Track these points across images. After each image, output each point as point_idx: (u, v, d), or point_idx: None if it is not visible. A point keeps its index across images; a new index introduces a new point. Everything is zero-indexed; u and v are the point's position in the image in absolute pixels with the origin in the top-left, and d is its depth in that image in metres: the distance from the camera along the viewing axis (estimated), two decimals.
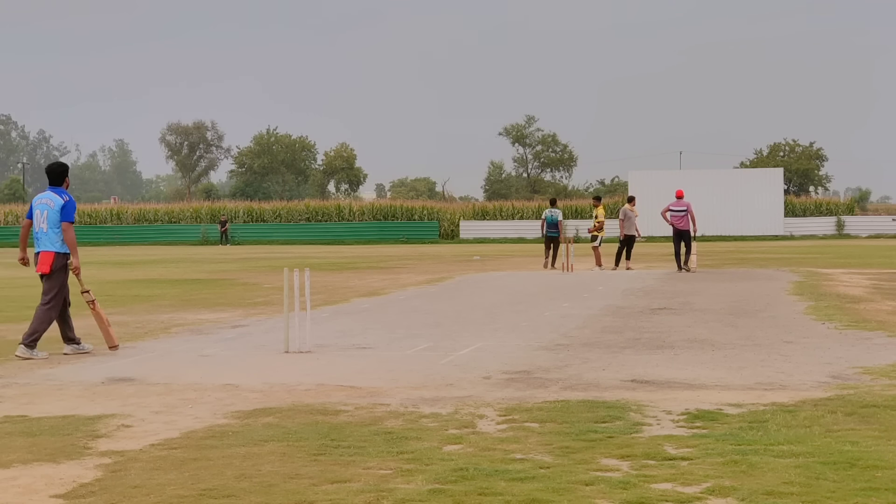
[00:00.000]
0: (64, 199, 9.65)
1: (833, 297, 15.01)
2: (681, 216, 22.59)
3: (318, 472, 4.94)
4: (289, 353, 9.48)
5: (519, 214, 63.15)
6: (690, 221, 22.60)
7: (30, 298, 16.77)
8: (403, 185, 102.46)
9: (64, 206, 9.59)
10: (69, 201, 9.67)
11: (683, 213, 22.62)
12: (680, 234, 22.65)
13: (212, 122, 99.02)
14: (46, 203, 9.65)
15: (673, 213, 22.75)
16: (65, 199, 9.65)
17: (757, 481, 4.67)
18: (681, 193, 23.15)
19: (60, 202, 9.61)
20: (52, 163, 10.18)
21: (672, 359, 8.82)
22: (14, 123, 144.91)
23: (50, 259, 9.52)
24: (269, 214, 64.37)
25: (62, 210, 9.58)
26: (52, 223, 9.58)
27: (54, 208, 9.59)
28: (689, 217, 22.59)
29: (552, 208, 25.35)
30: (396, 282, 20.39)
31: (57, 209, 9.59)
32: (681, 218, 22.59)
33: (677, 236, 22.73)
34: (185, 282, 21.38)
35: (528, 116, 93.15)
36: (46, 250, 9.55)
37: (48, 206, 9.63)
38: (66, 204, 9.61)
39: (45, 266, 9.51)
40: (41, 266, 9.54)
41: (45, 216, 9.61)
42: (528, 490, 4.56)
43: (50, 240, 9.57)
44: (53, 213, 9.58)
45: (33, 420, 6.41)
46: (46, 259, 9.53)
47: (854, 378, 7.65)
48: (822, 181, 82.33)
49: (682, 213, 22.63)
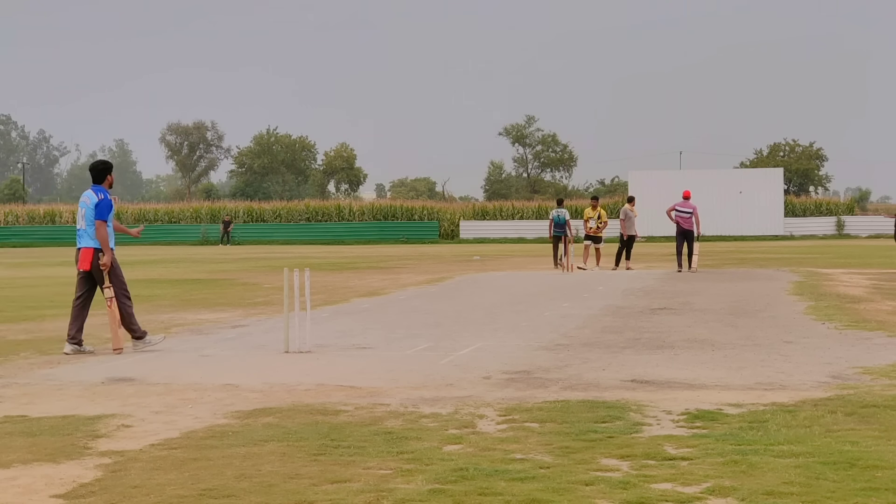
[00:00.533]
0: (99, 196, 9.84)
1: (833, 297, 15.02)
2: (686, 217, 22.75)
3: (318, 472, 4.94)
4: (289, 353, 9.48)
5: (519, 214, 63.18)
6: (695, 224, 22.73)
7: (30, 298, 16.78)
8: (403, 185, 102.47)
9: (98, 204, 9.78)
10: (103, 200, 9.84)
11: (689, 214, 22.80)
12: (684, 233, 22.76)
13: (212, 121, 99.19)
14: (84, 201, 9.93)
15: (679, 213, 22.89)
16: (99, 198, 9.83)
17: (757, 481, 4.67)
18: (688, 194, 23.31)
19: (95, 200, 9.81)
20: (96, 161, 10.34)
21: (672, 359, 8.82)
22: (14, 123, 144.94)
23: (90, 255, 9.77)
24: (269, 214, 64.40)
25: (96, 208, 9.76)
26: (88, 220, 9.84)
27: (90, 206, 9.83)
28: (693, 218, 22.74)
29: (559, 208, 25.36)
30: (396, 282, 20.39)
31: (92, 207, 9.80)
32: (686, 219, 22.75)
33: (681, 236, 22.82)
34: (185, 282, 21.38)
35: (528, 116, 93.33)
36: (86, 247, 9.79)
37: (86, 203, 9.90)
38: (100, 202, 9.80)
39: (85, 263, 9.75)
40: (82, 263, 9.79)
41: (82, 213, 9.89)
42: (528, 490, 4.56)
43: (89, 236, 9.82)
44: (90, 211, 9.83)
45: (33, 420, 6.40)
46: (86, 255, 9.77)
47: (854, 378, 7.65)
48: (822, 181, 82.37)
49: (687, 214, 22.80)
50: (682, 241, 22.79)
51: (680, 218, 22.79)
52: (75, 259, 9.97)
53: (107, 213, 9.80)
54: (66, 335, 9.76)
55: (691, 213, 22.77)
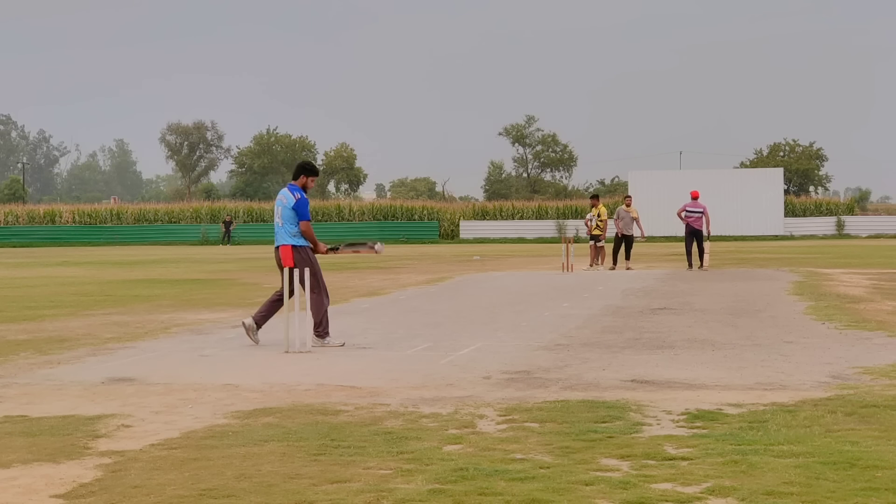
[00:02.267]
0: (296, 196, 10.00)
1: (833, 297, 15.01)
2: (696, 217, 23.11)
3: (318, 472, 4.94)
4: (289, 352, 9.48)
5: (519, 214, 63.17)
6: (705, 223, 23.13)
7: (29, 298, 16.78)
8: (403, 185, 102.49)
9: (296, 204, 9.97)
10: (300, 199, 10.00)
11: (699, 214, 23.19)
12: (693, 233, 23.24)
13: (212, 121, 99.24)
14: (281, 199, 10.11)
15: (689, 214, 23.25)
16: (296, 197, 10.00)
17: (757, 481, 4.67)
18: (696, 194, 23.69)
19: (292, 200, 9.99)
20: (304, 160, 10.42)
21: (672, 359, 8.82)
22: (14, 123, 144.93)
23: (289, 252, 9.94)
24: (269, 214, 64.32)
25: (295, 209, 9.95)
26: (286, 219, 10.01)
27: (287, 205, 10.00)
28: (704, 218, 23.15)
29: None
30: (396, 282, 20.39)
31: (289, 206, 9.98)
32: (696, 218, 23.16)
33: (690, 235, 23.30)
34: (185, 282, 21.38)
35: (528, 116, 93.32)
36: (284, 244, 9.98)
37: (282, 202, 10.08)
38: (297, 202, 9.98)
39: (287, 260, 9.93)
40: (284, 261, 9.96)
41: (279, 212, 10.08)
42: (528, 490, 4.56)
43: (286, 234, 10.00)
44: (287, 210, 10.00)
45: (33, 420, 6.40)
46: (286, 253, 9.96)
47: (854, 378, 7.65)
48: (822, 181, 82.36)
49: (697, 214, 23.21)
50: (692, 240, 23.26)
51: (690, 218, 23.18)
52: (276, 259, 10.17)
53: (307, 212, 10.02)
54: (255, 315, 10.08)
55: (702, 213, 23.21)
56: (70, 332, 11.42)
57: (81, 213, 65.52)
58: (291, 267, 9.89)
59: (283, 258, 9.99)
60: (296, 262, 9.89)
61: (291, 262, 9.90)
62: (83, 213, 65.50)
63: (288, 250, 9.95)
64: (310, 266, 9.89)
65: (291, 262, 9.90)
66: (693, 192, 23.88)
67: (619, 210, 25.14)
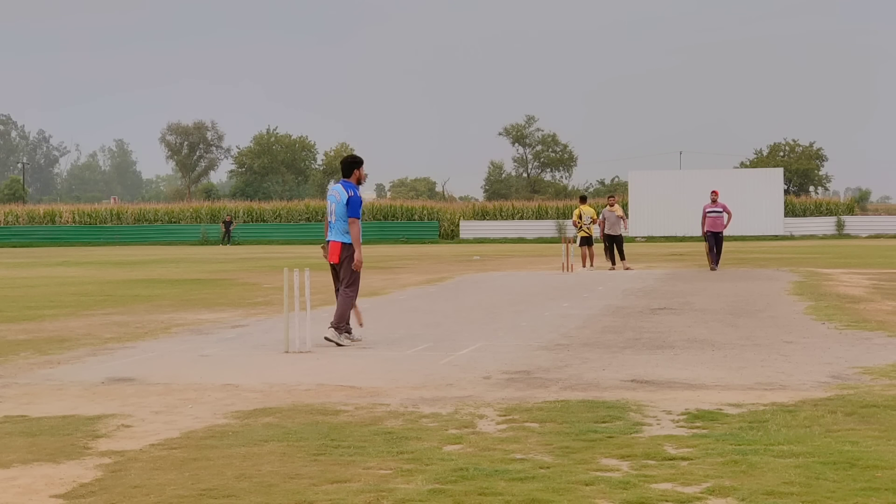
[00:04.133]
0: (349, 193, 10.04)
1: (833, 297, 15.02)
2: (717, 216, 22.87)
3: (318, 472, 4.94)
4: (289, 353, 9.48)
5: (519, 214, 63.16)
6: (727, 220, 22.95)
7: (30, 298, 16.78)
8: (403, 185, 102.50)
9: (349, 201, 10.00)
10: (353, 196, 10.04)
11: (720, 213, 22.93)
12: (715, 234, 22.87)
13: (212, 122, 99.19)
14: (334, 195, 10.17)
15: (710, 214, 22.91)
16: (350, 195, 10.03)
17: (757, 481, 4.67)
18: (717, 194, 23.41)
19: (346, 196, 10.03)
20: (347, 155, 10.54)
21: (672, 359, 8.82)
22: (14, 123, 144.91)
23: (338, 249, 10.02)
24: (269, 214, 64.39)
25: (347, 205, 9.98)
26: (338, 215, 10.07)
27: (340, 201, 10.04)
28: (726, 216, 22.93)
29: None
30: (396, 282, 20.38)
31: (343, 202, 10.02)
32: (717, 218, 22.87)
33: (712, 236, 22.90)
34: (185, 282, 21.38)
35: (528, 116, 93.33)
36: (335, 240, 10.05)
37: (335, 198, 10.12)
38: (350, 199, 10.01)
39: (334, 256, 10.03)
40: (332, 256, 10.05)
41: (333, 208, 10.11)
42: (528, 490, 4.56)
43: (338, 231, 10.07)
44: (340, 207, 10.04)
45: (33, 420, 6.40)
46: (335, 249, 10.04)
47: (854, 378, 7.65)
48: (822, 181, 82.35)
49: (718, 213, 22.95)
50: (713, 240, 22.88)
51: (711, 218, 22.90)
52: (324, 252, 10.22)
53: (359, 210, 10.05)
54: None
55: (722, 212, 22.97)
56: (70, 333, 11.42)
57: (81, 214, 65.51)
58: (336, 263, 9.98)
59: (331, 253, 10.06)
60: (342, 259, 9.97)
61: (338, 259, 9.99)
62: (83, 214, 65.48)
63: (338, 246, 10.01)
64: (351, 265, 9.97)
65: (338, 259, 9.99)
66: (713, 191, 23.57)
67: (604, 211, 24.95)
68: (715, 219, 22.91)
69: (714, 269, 22.61)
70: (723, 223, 22.96)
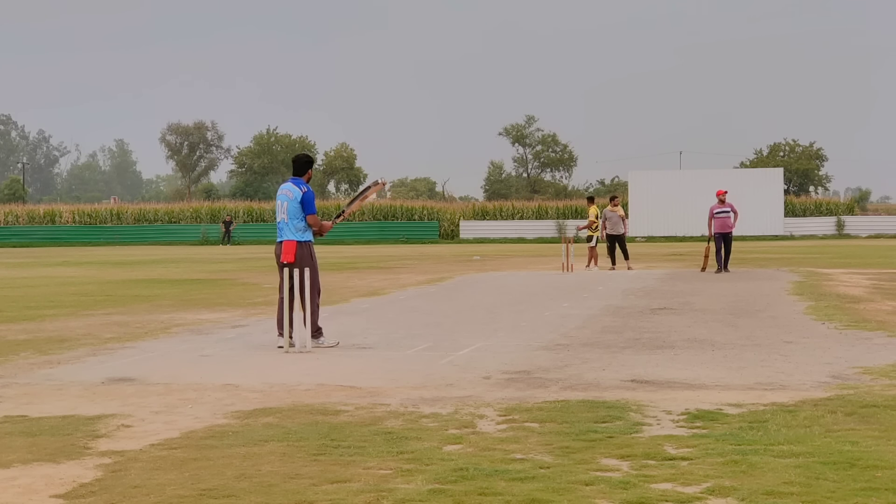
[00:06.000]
0: (302, 190, 9.90)
1: (833, 297, 15.02)
2: (725, 216, 22.38)
3: (318, 472, 4.94)
4: (289, 353, 9.48)
5: (519, 214, 63.16)
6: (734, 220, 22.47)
7: (30, 298, 16.78)
8: (403, 185, 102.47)
9: (303, 198, 9.86)
10: (307, 192, 9.91)
11: (728, 213, 22.41)
12: (723, 235, 22.36)
13: (212, 122, 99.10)
14: (286, 194, 9.96)
15: (720, 216, 22.45)
16: (303, 191, 9.89)
17: (757, 481, 4.67)
18: (721, 193, 22.79)
19: (299, 193, 9.87)
20: (299, 153, 10.45)
21: (672, 359, 8.82)
22: (14, 123, 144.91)
23: (293, 248, 9.82)
24: (269, 214, 64.30)
25: (302, 203, 9.84)
26: (291, 214, 9.87)
27: (293, 199, 9.87)
28: (732, 217, 22.41)
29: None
30: (396, 282, 20.39)
31: (296, 200, 9.85)
32: (725, 219, 22.37)
33: (720, 237, 22.40)
34: (185, 282, 21.39)
35: (527, 116, 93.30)
36: (288, 240, 9.86)
37: (287, 196, 9.92)
38: (304, 195, 9.87)
39: (289, 255, 9.82)
40: (285, 255, 9.85)
41: (284, 207, 9.92)
42: (528, 490, 4.56)
43: (290, 230, 9.87)
44: (293, 204, 9.86)
45: (33, 420, 6.40)
46: (290, 248, 9.83)
47: (854, 378, 7.65)
48: (822, 181, 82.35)
49: (725, 214, 22.42)
50: (721, 241, 22.37)
51: (720, 219, 22.39)
52: (276, 254, 10.04)
53: (313, 206, 9.92)
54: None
55: (730, 212, 22.44)
56: (70, 332, 11.42)
57: (81, 214, 65.51)
58: (291, 262, 9.77)
59: (284, 252, 9.84)
60: (297, 257, 9.78)
61: (293, 258, 9.77)
62: (83, 214, 65.48)
63: (292, 245, 9.81)
64: (310, 265, 9.84)
65: (293, 258, 9.77)
66: (720, 191, 22.95)
67: (606, 211, 24.93)
68: (724, 219, 22.34)
69: (721, 271, 22.04)
70: (731, 223, 22.40)
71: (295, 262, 9.79)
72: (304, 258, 9.84)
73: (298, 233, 9.87)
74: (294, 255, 9.80)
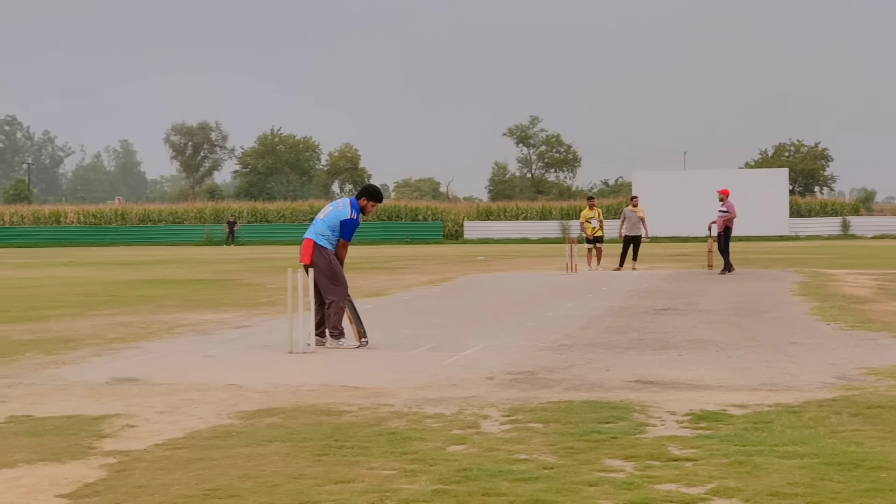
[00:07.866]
0: (352, 215, 9.94)
1: (838, 297, 15.00)
2: (723, 216, 22.22)
3: (322, 473, 4.94)
4: (292, 353, 9.49)
5: (523, 215, 63.17)
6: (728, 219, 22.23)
7: (35, 299, 16.81)
8: (407, 185, 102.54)
9: (347, 222, 9.92)
10: (354, 220, 9.94)
11: (725, 213, 22.27)
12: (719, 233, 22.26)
13: (216, 122, 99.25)
14: (338, 205, 10.10)
15: (719, 215, 22.37)
16: (351, 216, 9.93)
17: (761, 482, 4.66)
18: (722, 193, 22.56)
19: (346, 214, 9.92)
20: (376, 185, 10.63)
21: (676, 359, 8.81)
22: (19, 124, 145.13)
23: (310, 249, 9.91)
24: (273, 215, 64.44)
25: (342, 225, 9.91)
26: (327, 220, 9.96)
27: (341, 212, 9.95)
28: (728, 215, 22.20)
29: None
30: (400, 282, 20.39)
31: (343, 216, 9.91)
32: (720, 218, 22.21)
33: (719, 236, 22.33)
34: (188, 282, 21.41)
35: (532, 117, 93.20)
36: (309, 238, 9.96)
37: (338, 207, 10.05)
38: (349, 220, 9.92)
39: (306, 256, 9.93)
40: (303, 256, 9.95)
41: (328, 211, 10.08)
42: (532, 490, 4.56)
43: (317, 232, 9.95)
44: (335, 215, 9.95)
45: (38, 420, 6.41)
46: (307, 248, 9.93)
47: (859, 379, 7.64)
48: (827, 181, 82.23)
49: (724, 213, 22.28)
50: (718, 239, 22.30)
51: (721, 217, 22.28)
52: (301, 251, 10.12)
53: (352, 234, 9.97)
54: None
55: (727, 211, 22.23)
56: (75, 333, 11.44)
57: (86, 214, 65.61)
58: (307, 264, 9.90)
59: (302, 251, 10.00)
60: (313, 260, 9.89)
61: (309, 259, 9.91)
62: (88, 214, 65.59)
63: (310, 245, 9.91)
64: (324, 270, 9.86)
65: (309, 259, 9.91)
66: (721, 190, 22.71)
67: (626, 210, 24.75)
68: (720, 218, 22.30)
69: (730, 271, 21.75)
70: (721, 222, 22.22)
71: (311, 263, 9.92)
72: (321, 260, 9.91)
73: (322, 237, 9.96)
74: (310, 256, 9.91)
